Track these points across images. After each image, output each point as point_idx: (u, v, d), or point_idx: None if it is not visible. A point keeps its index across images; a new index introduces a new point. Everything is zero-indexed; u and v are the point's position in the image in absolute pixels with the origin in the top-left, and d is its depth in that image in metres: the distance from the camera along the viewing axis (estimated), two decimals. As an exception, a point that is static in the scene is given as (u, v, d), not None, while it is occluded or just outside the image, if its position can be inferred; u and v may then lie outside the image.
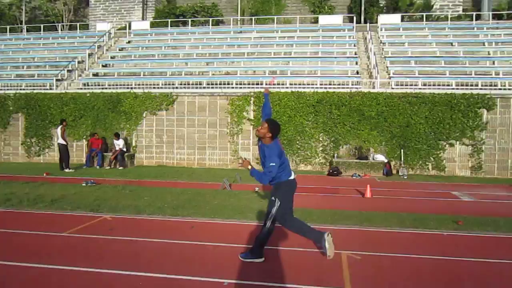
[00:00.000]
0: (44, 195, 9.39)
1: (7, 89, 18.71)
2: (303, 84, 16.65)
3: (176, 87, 17.14)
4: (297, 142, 15.32)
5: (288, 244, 5.86)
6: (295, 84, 16.60)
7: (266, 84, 5.31)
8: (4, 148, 18.06)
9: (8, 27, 27.52)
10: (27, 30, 27.86)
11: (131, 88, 17.34)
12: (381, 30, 21.16)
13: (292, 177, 5.29)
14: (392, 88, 15.55)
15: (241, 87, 16.53)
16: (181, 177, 12.99)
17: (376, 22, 22.62)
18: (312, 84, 16.53)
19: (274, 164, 4.98)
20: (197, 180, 12.28)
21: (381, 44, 19.60)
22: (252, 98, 15.63)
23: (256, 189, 10.27)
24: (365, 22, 25.29)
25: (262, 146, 5.19)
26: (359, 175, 13.73)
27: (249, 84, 16.73)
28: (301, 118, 15.19)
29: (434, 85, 15.62)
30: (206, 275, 4.64)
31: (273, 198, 5.20)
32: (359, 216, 7.60)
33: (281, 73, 17.71)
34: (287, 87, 16.22)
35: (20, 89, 18.53)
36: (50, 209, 8.04)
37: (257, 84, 16.57)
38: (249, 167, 5.02)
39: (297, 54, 19.30)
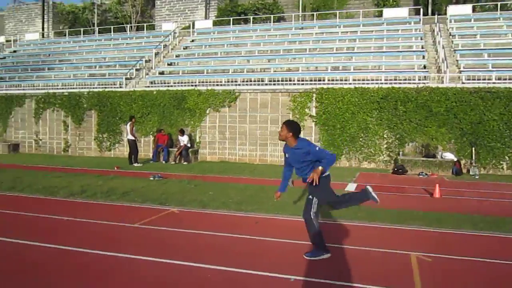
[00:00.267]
0: (115, 188, 9.90)
1: (82, 88, 19.91)
2: (367, 80, 16.23)
3: (239, 84, 17.38)
4: (360, 139, 14.98)
5: (353, 242, 5.75)
6: (358, 80, 16.23)
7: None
8: (79, 143, 19.23)
9: (82, 29, 29.25)
10: (99, 32, 29.41)
11: (195, 85, 17.82)
12: (450, 21, 20.13)
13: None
14: (463, 83, 14.75)
15: (303, 84, 16.45)
16: (243, 172, 13.17)
17: (445, 14, 21.58)
18: (376, 80, 16.07)
19: (318, 147, 5.04)
20: (259, 176, 12.39)
21: (451, 37, 18.66)
22: (314, 95, 15.48)
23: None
24: (433, 14, 24.22)
25: (289, 150, 5.18)
26: (426, 174, 13.18)
27: (311, 80, 16.59)
28: (365, 114, 14.84)
29: (510, 79, 14.63)
30: (272, 270, 4.66)
31: (310, 196, 5.18)
32: (427, 217, 7.30)
33: (344, 69, 17.39)
34: (350, 83, 15.90)
35: (93, 88, 19.63)
36: (121, 201, 8.46)
37: (319, 80, 16.40)
38: (318, 173, 4.85)
39: (360, 49, 18.86)
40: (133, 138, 15.33)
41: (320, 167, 4.87)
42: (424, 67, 16.51)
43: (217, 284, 4.33)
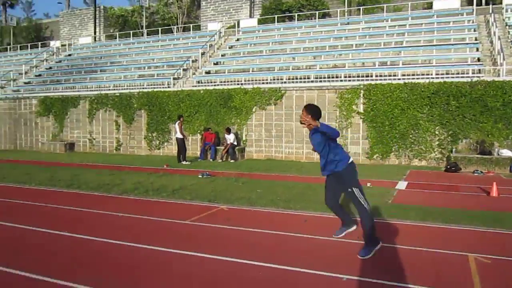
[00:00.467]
0: (166, 185, 10.17)
1: (132, 89, 20.58)
2: (417, 75, 15.73)
3: (284, 82, 17.36)
4: (411, 136, 14.56)
5: (406, 242, 5.59)
6: (407, 75, 15.77)
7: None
8: (130, 142, 19.90)
9: (131, 32, 30.23)
10: (147, 34, 30.27)
11: (241, 84, 17.97)
12: (506, 11, 19.14)
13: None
14: (521, 76, 14.00)
15: (349, 80, 16.19)
16: (290, 170, 13.14)
17: (500, 3, 20.52)
18: (427, 74, 15.55)
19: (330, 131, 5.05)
20: (306, 174, 12.32)
21: (507, 27, 17.75)
22: (361, 91, 15.19)
23: (368, 184, 9.99)
24: (487, 3, 23.10)
25: (311, 136, 5.31)
26: (481, 172, 12.61)
27: (358, 76, 16.32)
28: (415, 110, 14.39)
29: None
30: (323, 269, 4.62)
31: (349, 189, 5.14)
32: (485, 216, 6.98)
33: (392, 64, 16.96)
34: (399, 79, 15.48)
35: (142, 88, 20.26)
36: (172, 198, 8.68)
37: (367, 76, 16.10)
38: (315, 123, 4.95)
39: (409, 43, 18.32)
40: (181, 137, 15.67)
41: (321, 124, 4.95)
42: (478, 60, 15.80)
43: (268, 281, 4.34)
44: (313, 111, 5.16)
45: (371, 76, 16.06)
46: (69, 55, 29.51)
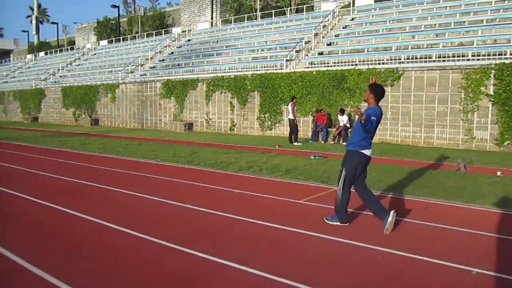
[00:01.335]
0: (279, 165, 10.32)
1: (246, 71, 21.15)
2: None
3: (402, 62, 16.40)
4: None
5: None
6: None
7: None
8: (243, 123, 20.56)
9: (245, 16, 30.96)
10: (261, 17, 30.74)
11: (355, 65, 17.40)
12: None
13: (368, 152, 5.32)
14: None
15: (478, 59, 14.71)
16: (406, 155, 12.44)
17: None
18: None
19: (373, 118, 5.05)
20: (425, 159, 11.54)
21: None
22: (492, 71, 13.69)
23: (499, 173, 9.05)
24: None
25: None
26: None
27: (488, 55, 14.74)
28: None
29: None
30: (449, 260, 4.29)
31: (340, 167, 5.39)
32: None
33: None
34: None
35: (256, 70, 20.68)
36: (285, 178, 8.77)
37: (499, 54, 14.46)
38: (361, 115, 4.98)
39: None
40: (293, 118, 15.74)
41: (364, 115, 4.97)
42: None
43: (387, 266, 4.16)
44: (375, 90, 5.27)
45: (505, 54, 14.38)
46: (189, 40, 31.27)
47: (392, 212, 5.12)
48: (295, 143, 15.44)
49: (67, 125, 30.34)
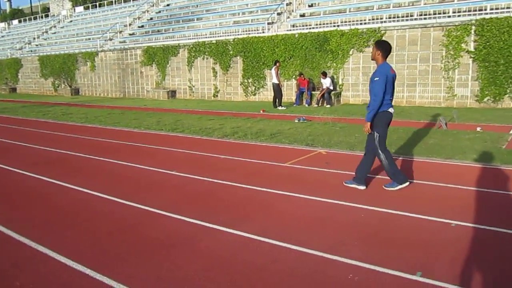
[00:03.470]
0: (264, 130, 10.36)
1: (227, 36, 20.80)
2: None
3: (384, 21, 16.28)
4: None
5: (525, 190, 5.14)
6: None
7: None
8: (227, 89, 20.42)
9: (225, -23, 30.08)
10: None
11: (337, 26, 17.23)
12: None
13: (391, 110, 5.28)
14: None
15: (459, 15, 14.69)
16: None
17: None
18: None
19: (377, 78, 5.03)
20: (407, 118, 11.71)
21: None
22: (473, 27, 13.73)
23: (478, 129, 9.24)
24: None
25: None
26: None
27: (469, 11, 14.71)
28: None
29: None
30: (430, 214, 4.44)
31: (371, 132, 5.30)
32: None
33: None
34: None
35: (237, 35, 20.35)
36: (270, 142, 8.84)
37: (480, 10, 14.44)
38: (366, 125, 5.22)
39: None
40: (277, 82, 15.67)
41: (367, 119, 5.18)
42: None
43: (371, 223, 4.29)
44: (382, 47, 5.20)
45: (485, 9, 14.38)
46: (168, 5, 30.40)
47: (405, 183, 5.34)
48: (279, 107, 15.45)
49: (46, 95, 29.78)
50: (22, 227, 4.39)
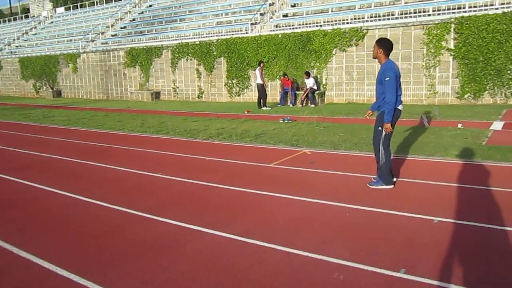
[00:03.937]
0: (248, 130, 10.38)
1: (211, 36, 20.76)
2: (518, 4, 14.04)
3: (366, 21, 16.45)
4: (509, 72, 13.26)
5: (506, 185, 5.25)
6: (507, 3, 14.12)
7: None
8: (211, 90, 20.38)
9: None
10: (223, -21, 29.85)
11: (320, 26, 17.34)
12: None
13: (400, 107, 5.33)
14: None
15: (439, 14, 14.92)
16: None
17: None
18: (531, 3, 13.83)
19: (388, 78, 5.04)
20: (390, 116, 11.83)
21: None
22: (452, 25, 13.96)
23: (459, 125, 9.40)
24: None
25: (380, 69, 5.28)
26: None
27: (448, 9, 14.94)
28: (515, 44, 13.00)
29: None
30: (414, 211, 4.51)
31: (379, 128, 5.33)
32: None
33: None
34: (496, 8, 13.94)
35: (221, 36, 20.33)
36: (255, 143, 8.86)
37: (459, 8, 14.67)
38: (387, 127, 5.22)
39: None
40: (261, 83, 15.70)
41: (386, 121, 5.18)
42: None
43: (355, 222, 4.34)
44: (384, 45, 5.24)
45: (463, 7, 14.63)
46: (150, 6, 30.20)
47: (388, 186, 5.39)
48: (264, 108, 15.48)
49: (28, 97, 29.35)
50: (2, 232, 4.33)
